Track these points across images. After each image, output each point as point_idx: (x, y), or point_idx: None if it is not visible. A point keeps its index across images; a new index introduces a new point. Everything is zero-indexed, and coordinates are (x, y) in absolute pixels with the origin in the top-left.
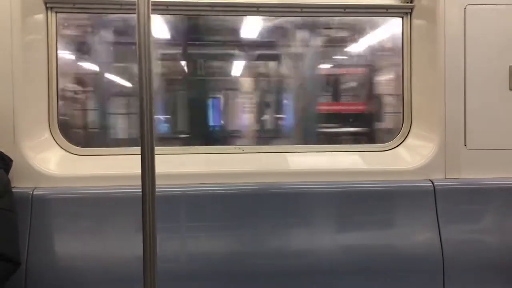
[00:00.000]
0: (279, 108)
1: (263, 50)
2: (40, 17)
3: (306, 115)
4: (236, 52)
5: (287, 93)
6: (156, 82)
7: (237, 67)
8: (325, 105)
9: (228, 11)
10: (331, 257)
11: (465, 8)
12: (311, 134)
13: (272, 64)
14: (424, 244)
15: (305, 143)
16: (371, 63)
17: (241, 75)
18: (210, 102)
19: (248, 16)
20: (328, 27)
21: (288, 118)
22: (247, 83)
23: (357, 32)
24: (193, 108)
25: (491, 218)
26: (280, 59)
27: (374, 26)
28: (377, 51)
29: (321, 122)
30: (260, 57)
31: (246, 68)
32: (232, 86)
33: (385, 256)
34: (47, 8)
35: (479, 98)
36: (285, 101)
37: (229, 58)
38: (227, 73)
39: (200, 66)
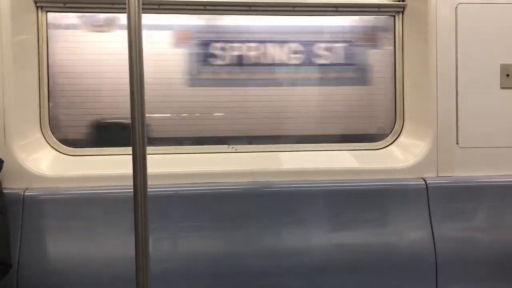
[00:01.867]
0: None
1: None
2: (31, 16)
3: None
4: None
5: None
6: None
7: None
8: None
9: (220, 10)
10: (324, 255)
11: (456, 7)
12: None
13: None
14: (417, 242)
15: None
16: None
17: None
18: None
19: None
20: None
21: None
22: None
23: None
24: None
25: (483, 216)
26: None
27: None
28: None
29: None
30: None
31: None
32: None
33: (378, 254)
34: (37, 8)
35: (471, 96)
36: None
37: None
38: None
39: None
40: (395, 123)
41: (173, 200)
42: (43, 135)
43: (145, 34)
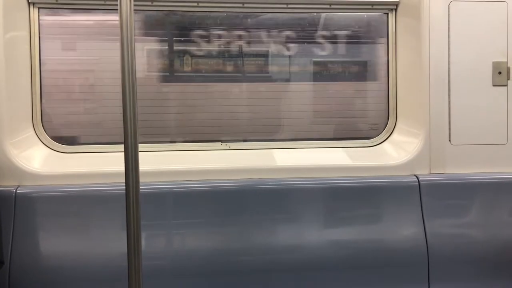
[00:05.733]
0: None
1: None
2: (23, 13)
3: None
4: None
5: None
6: None
7: None
8: None
9: (213, 7)
10: (317, 252)
11: (449, 5)
12: None
13: None
14: (409, 238)
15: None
16: None
17: None
18: None
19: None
20: None
21: None
22: None
23: None
24: None
25: (475, 212)
26: None
27: None
28: None
29: None
30: None
31: None
32: None
33: (371, 251)
34: (29, 4)
35: (463, 93)
36: None
37: None
38: None
39: None
40: (388, 120)
41: (165, 198)
42: (35, 132)
43: None
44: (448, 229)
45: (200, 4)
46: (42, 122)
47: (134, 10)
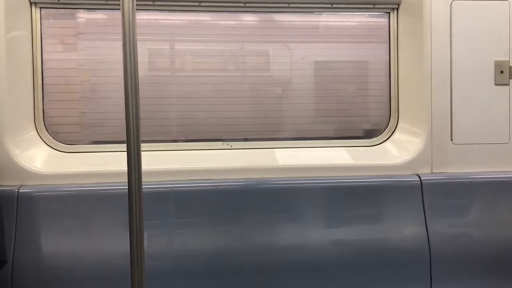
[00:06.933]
0: None
1: None
2: (24, 13)
3: None
4: None
5: None
6: None
7: None
8: None
9: (215, 7)
10: (319, 252)
11: (451, 4)
12: None
13: None
14: (411, 238)
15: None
16: None
17: None
18: None
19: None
20: None
21: None
22: None
23: None
24: None
25: (477, 212)
26: None
27: None
28: None
29: None
30: None
31: None
32: None
33: (373, 250)
34: (31, 4)
35: (465, 93)
36: None
37: None
38: None
39: None
40: (389, 119)
41: (168, 197)
42: (37, 132)
43: None
44: (450, 229)
45: (202, 4)
46: (44, 122)
47: (136, 9)
